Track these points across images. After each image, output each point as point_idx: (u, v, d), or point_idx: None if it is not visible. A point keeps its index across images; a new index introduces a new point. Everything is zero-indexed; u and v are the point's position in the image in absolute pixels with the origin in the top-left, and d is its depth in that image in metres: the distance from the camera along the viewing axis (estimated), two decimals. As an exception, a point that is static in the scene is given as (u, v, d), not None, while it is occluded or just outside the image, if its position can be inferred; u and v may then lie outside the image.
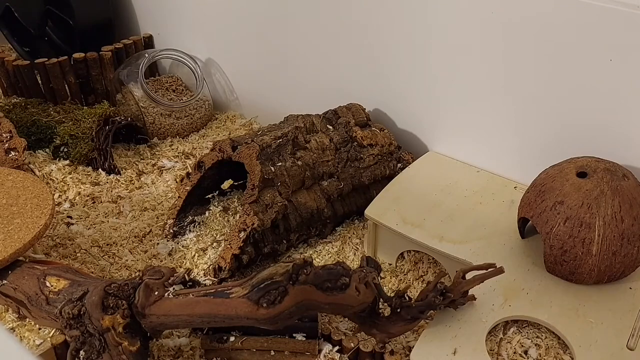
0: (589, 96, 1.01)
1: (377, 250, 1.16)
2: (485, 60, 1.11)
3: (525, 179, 1.12)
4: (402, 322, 0.88)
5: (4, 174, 1.10)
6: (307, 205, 1.14)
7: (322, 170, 1.17)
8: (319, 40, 1.36)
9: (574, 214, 0.90)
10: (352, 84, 1.35)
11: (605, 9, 0.93)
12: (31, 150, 1.43)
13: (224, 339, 0.94)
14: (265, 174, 1.09)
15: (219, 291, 0.86)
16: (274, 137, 1.14)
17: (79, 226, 1.25)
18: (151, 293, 0.87)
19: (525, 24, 1.02)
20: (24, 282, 0.95)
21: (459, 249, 1.02)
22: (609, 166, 0.93)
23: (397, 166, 1.25)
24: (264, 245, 1.12)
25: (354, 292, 0.84)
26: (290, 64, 1.46)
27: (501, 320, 0.90)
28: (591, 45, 0.97)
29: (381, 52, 1.26)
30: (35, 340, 0.98)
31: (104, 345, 0.85)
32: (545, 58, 1.03)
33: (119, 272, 1.15)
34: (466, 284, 0.88)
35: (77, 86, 1.61)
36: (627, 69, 0.95)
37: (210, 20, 1.57)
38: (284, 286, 0.82)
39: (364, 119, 1.26)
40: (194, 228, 1.24)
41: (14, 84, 1.63)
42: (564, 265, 0.93)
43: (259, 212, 1.07)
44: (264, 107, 1.60)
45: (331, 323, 1.03)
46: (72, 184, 1.36)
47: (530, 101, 1.09)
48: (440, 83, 1.20)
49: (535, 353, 0.88)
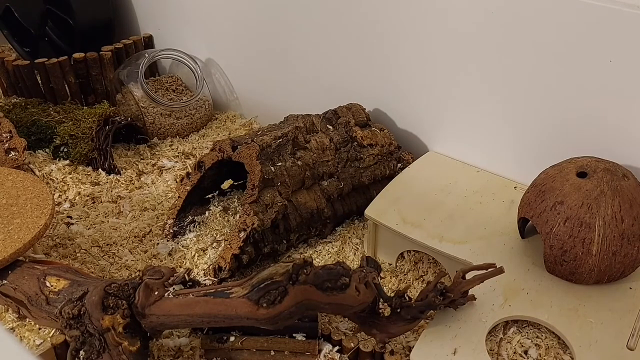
0: (589, 96, 1.01)
1: (377, 250, 1.16)
2: (486, 60, 1.11)
3: (525, 179, 1.12)
4: (402, 322, 0.88)
5: (4, 174, 1.10)
6: (307, 205, 1.14)
7: (322, 170, 1.17)
8: (319, 40, 1.36)
9: (574, 214, 0.90)
10: (352, 84, 1.35)
11: (606, 9, 0.93)
12: (31, 150, 1.43)
13: (224, 339, 0.94)
14: (265, 174, 1.09)
15: (219, 291, 0.86)
16: (274, 137, 1.14)
17: (79, 226, 1.25)
18: (151, 293, 0.87)
19: (525, 24, 1.02)
20: (24, 282, 0.95)
21: (459, 249, 1.02)
22: (609, 166, 0.93)
23: (397, 166, 1.25)
24: (264, 245, 1.12)
25: (354, 292, 0.84)
26: (291, 63, 1.46)
27: (501, 320, 0.90)
28: (591, 45, 0.97)
29: (381, 52, 1.26)
30: (35, 340, 0.98)
31: (104, 345, 0.85)
32: (545, 58, 1.03)
33: (119, 272, 1.15)
34: (466, 284, 0.88)
35: (77, 86, 1.61)
36: (627, 70, 0.95)
37: (211, 20, 1.57)
38: (284, 286, 0.82)
39: (364, 119, 1.26)
40: (194, 228, 1.24)
41: (14, 84, 1.63)
42: (564, 265, 0.93)
43: (259, 212, 1.07)
44: (264, 107, 1.60)
45: (331, 323, 1.03)
46: (72, 184, 1.36)
47: (530, 101, 1.09)
48: (441, 83, 1.20)
49: (535, 353, 0.88)
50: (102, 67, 1.61)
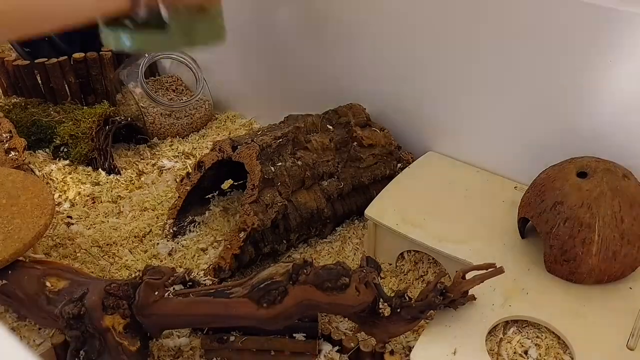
0: (589, 96, 1.01)
1: (377, 250, 1.16)
2: (486, 60, 1.11)
3: (525, 179, 1.12)
4: (402, 322, 0.88)
5: (4, 174, 1.10)
6: (307, 205, 1.14)
7: (322, 170, 1.17)
8: (319, 40, 1.36)
9: (574, 214, 0.90)
10: (352, 84, 1.35)
11: (606, 10, 0.93)
12: (31, 150, 1.43)
13: (224, 339, 0.94)
14: (265, 174, 1.09)
15: (219, 291, 0.86)
16: (274, 137, 1.14)
17: (79, 226, 1.25)
18: (151, 293, 0.87)
19: (525, 25, 1.02)
20: (24, 282, 0.95)
21: (459, 249, 1.02)
22: (609, 166, 0.93)
23: (397, 166, 1.25)
24: (264, 245, 1.12)
25: (354, 292, 0.84)
26: (291, 64, 1.46)
27: (501, 320, 0.90)
28: (591, 46, 0.97)
29: (381, 52, 1.26)
30: (35, 340, 0.98)
31: (104, 345, 0.85)
32: (546, 58, 1.03)
33: (119, 272, 1.15)
34: (466, 284, 0.88)
35: (77, 86, 1.61)
36: (627, 70, 0.95)
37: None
38: (284, 286, 0.82)
39: (364, 119, 1.26)
40: (194, 228, 1.24)
41: (14, 84, 1.63)
42: (564, 265, 0.93)
43: (259, 212, 1.07)
44: (264, 107, 1.60)
45: (331, 323, 1.02)
46: (72, 184, 1.36)
47: (531, 101, 1.09)
48: (441, 83, 1.20)
49: (535, 353, 0.88)
50: (102, 67, 1.61)
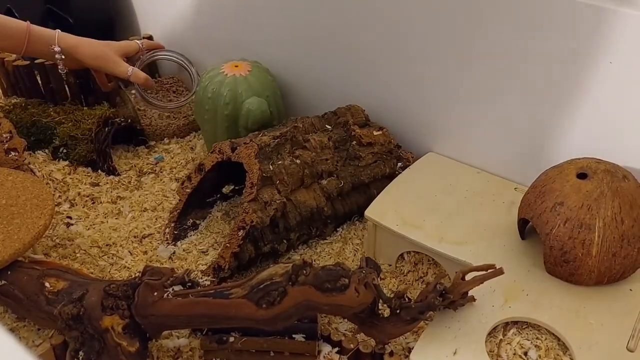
0: (589, 97, 1.01)
1: (377, 251, 1.16)
2: (486, 60, 1.11)
3: (525, 180, 1.12)
4: (401, 323, 0.88)
5: (4, 174, 1.10)
6: (307, 203, 1.14)
7: (321, 169, 1.17)
8: (317, 41, 1.36)
9: (574, 215, 0.90)
10: (352, 84, 1.35)
11: (606, 10, 0.93)
12: (31, 150, 1.43)
13: (223, 340, 0.94)
14: (263, 172, 1.09)
15: (218, 292, 0.86)
16: (273, 137, 1.14)
17: (79, 227, 1.25)
18: (150, 294, 0.87)
19: (525, 25, 1.02)
20: (23, 282, 0.95)
21: (458, 250, 1.02)
22: (609, 167, 0.93)
23: (397, 165, 1.25)
24: (263, 244, 1.12)
25: (354, 293, 0.84)
26: (290, 64, 1.45)
27: (501, 322, 0.90)
28: (591, 46, 0.97)
29: (382, 52, 1.26)
30: (34, 341, 0.98)
31: (103, 346, 0.85)
32: (545, 59, 1.03)
33: (119, 273, 1.15)
34: (466, 285, 0.88)
35: (77, 87, 1.60)
36: (627, 71, 0.95)
37: (212, 19, 1.57)
38: (283, 287, 0.82)
39: (363, 120, 1.26)
40: (194, 231, 1.24)
41: (14, 84, 1.63)
42: (564, 266, 0.93)
43: (257, 210, 1.07)
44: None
45: (331, 324, 1.02)
46: (72, 185, 1.36)
47: (531, 102, 1.09)
48: (441, 84, 1.20)
49: (535, 354, 0.88)
50: (102, 67, 1.61)
